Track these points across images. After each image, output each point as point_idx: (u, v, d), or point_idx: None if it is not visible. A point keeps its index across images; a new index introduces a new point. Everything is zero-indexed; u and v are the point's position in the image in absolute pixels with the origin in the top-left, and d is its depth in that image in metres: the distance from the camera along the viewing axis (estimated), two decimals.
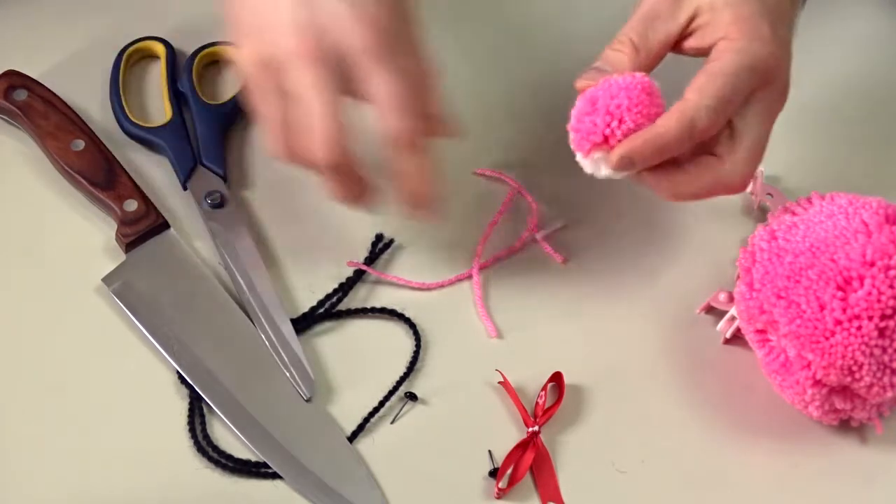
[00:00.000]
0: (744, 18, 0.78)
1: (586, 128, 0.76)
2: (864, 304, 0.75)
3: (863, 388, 0.77)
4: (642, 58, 0.79)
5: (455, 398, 0.82)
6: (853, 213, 0.79)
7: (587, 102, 0.77)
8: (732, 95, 0.77)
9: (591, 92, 0.77)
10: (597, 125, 0.76)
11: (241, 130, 0.93)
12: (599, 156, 0.77)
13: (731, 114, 0.78)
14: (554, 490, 0.79)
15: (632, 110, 0.76)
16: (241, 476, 0.79)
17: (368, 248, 0.87)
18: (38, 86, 0.92)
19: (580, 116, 0.77)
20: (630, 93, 0.76)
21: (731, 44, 0.78)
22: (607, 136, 0.76)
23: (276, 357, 0.83)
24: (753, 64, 0.78)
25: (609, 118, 0.76)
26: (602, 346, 0.84)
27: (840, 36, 0.99)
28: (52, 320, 0.85)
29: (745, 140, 0.78)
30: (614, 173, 0.77)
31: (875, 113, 0.95)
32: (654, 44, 0.80)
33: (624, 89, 0.76)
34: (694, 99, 0.77)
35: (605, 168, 0.77)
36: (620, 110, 0.76)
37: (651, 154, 0.76)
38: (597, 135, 0.76)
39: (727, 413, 0.82)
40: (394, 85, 0.78)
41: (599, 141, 0.76)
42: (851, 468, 0.80)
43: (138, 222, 0.87)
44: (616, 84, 0.77)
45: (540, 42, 0.98)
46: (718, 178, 0.79)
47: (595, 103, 0.77)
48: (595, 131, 0.76)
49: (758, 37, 0.78)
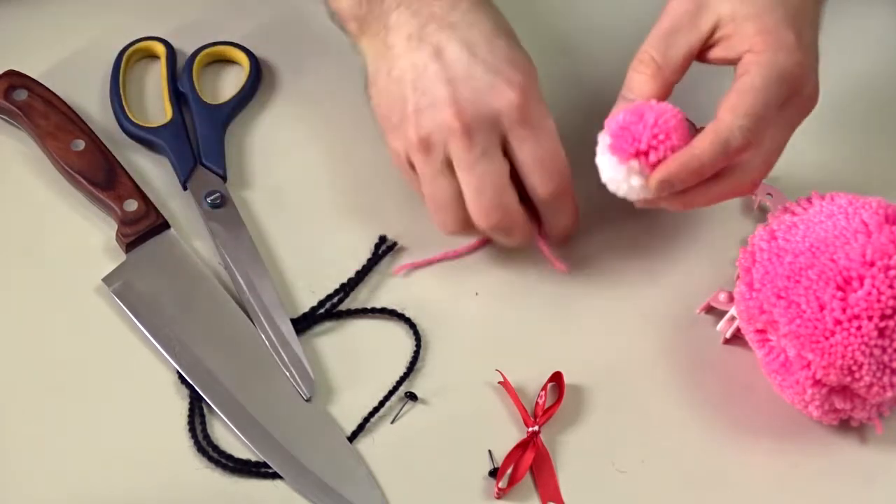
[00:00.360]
0: (768, 29, 0.78)
1: (631, 135, 0.77)
2: (864, 304, 0.75)
3: (863, 388, 0.77)
4: (666, 74, 0.79)
5: (455, 398, 0.82)
6: (853, 213, 0.79)
7: (633, 113, 0.78)
8: (765, 111, 0.77)
9: (637, 106, 0.79)
10: (643, 134, 0.77)
11: (241, 130, 0.93)
12: (635, 164, 0.78)
13: (766, 129, 0.78)
14: (554, 490, 0.79)
15: (678, 130, 0.77)
16: (241, 476, 0.79)
17: (371, 249, 0.87)
18: (38, 86, 0.92)
19: (625, 125, 0.78)
20: (676, 117, 0.78)
21: (757, 56, 0.78)
22: (651, 147, 0.77)
23: (276, 357, 0.83)
24: (782, 76, 0.77)
25: (657, 130, 0.77)
26: (602, 346, 0.84)
27: (840, 36, 0.99)
28: (52, 320, 0.85)
29: (764, 146, 0.79)
30: (641, 188, 0.78)
31: (875, 113, 0.95)
32: (677, 58, 0.80)
33: (670, 112, 0.78)
34: (727, 119, 0.77)
35: (636, 179, 0.78)
36: (668, 126, 0.77)
37: (688, 176, 0.77)
38: (642, 143, 0.77)
39: (727, 413, 0.82)
40: (544, 147, 0.81)
41: (644, 149, 0.77)
42: (851, 468, 0.80)
43: (138, 222, 0.87)
44: (662, 106, 0.78)
45: (545, 48, 0.98)
46: (732, 184, 0.79)
47: (643, 116, 0.78)
48: (640, 139, 0.77)
49: (784, 47, 0.78)
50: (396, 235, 0.88)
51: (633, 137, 0.77)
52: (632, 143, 0.77)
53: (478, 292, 0.86)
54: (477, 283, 0.87)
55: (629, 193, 0.79)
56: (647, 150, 0.77)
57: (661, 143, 0.77)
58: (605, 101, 0.82)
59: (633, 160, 0.78)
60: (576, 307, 0.86)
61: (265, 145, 0.93)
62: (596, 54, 0.96)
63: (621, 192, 0.79)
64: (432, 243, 0.88)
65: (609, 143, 0.78)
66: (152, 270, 0.86)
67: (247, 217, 0.89)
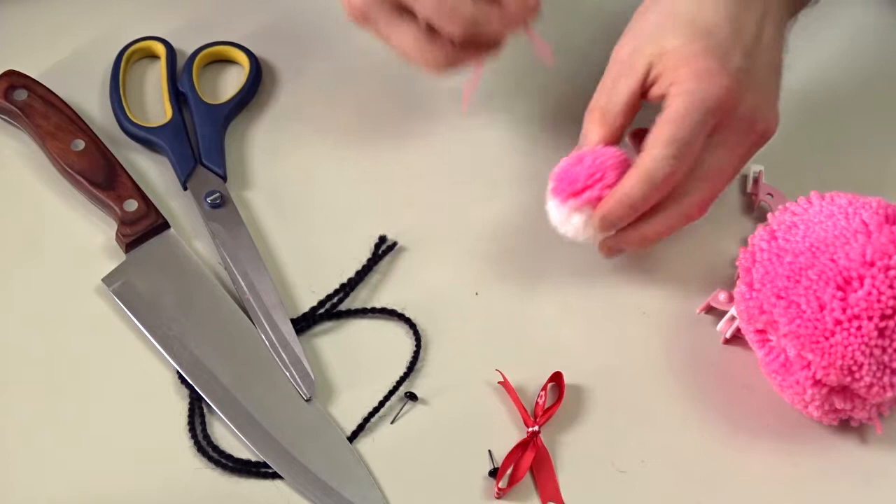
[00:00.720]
0: (687, 60, 0.80)
1: (570, 177, 0.81)
2: (864, 304, 0.76)
3: (863, 388, 0.77)
4: (610, 120, 0.82)
5: (455, 398, 0.82)
6: (853, 213, 0.79)
7: (574, 158, 0.82)
8: (690, 138, 0.79)
9: (580, 152, 0.83)
10: (580, 176, 0.81)
11: (241, 131, 0.93)
12: (573, 203, 0.81)
13: (693, 155, 0.80)
14: (554, 490, 0.79)
15: (615, 169, 0.81)
16: (241, 476, 0.79)
17: (371, 249, 0.87)
18: (38, 86, 0.92)
19: (566, 168, 0.82)
20: (615, 157, 0.81)
21: (678, 87, 0.80)
22: (587, 187, 0.81)
23: (276, 357, 0.83)
24: (704, 101, 0.79)
25: (593, 169, 0.81)
26: (602, 346, 0.84)
27: (841, 36, 0.99)
28: (52, 320, 0.85)
29: (699, 171, 0.81)
30: (584, 227, 0.82)
31: (876, 113, 0.95)
32: (619, 103, 0.82)
33: (610, 153, 0.82)
34: (651, 152, 0.80)
35: (576, 218, 0.82)
36: (604, 166, 0.81)
37: (624, 212, 0.80)
38: (578, 183, 0.81)
39: (727, 413, 0.82)
40: None
41: (580, 189, 0.81)
42: (851, 468, 0.80)
43: (138, 222, 0.87)
44: (604, 150, 0.82)
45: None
46: (676, 212, 0.82)
47: (581, 159, 0.82)
48: (578, 181, 0.81)
49: (705, 75, 0.80)
50: (396, 235, 0.88)
51: (571, 179, 0.81)
52: (569, 184, 0.81)
53: (478, 292, 0.86)
54: (477, 283, 0.87)
55: (576, 234, 0.83)
56: (582, 190, 0.81)
57: (597, 181, 0.81)
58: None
59: (571, 199, 0.81)
60: (576, 307, 0.86)
61: (265, 145, 0.93)
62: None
63: (569, 233, 0.83)
64: (432, 243, 0.88)
65: (551, 187, 0.82)
66: (152, 270, 0.86)
67: (247, 217, 0.89)
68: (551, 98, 0.95)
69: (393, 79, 0.96)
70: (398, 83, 0.96)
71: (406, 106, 0.95)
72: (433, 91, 0.95)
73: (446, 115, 0.94)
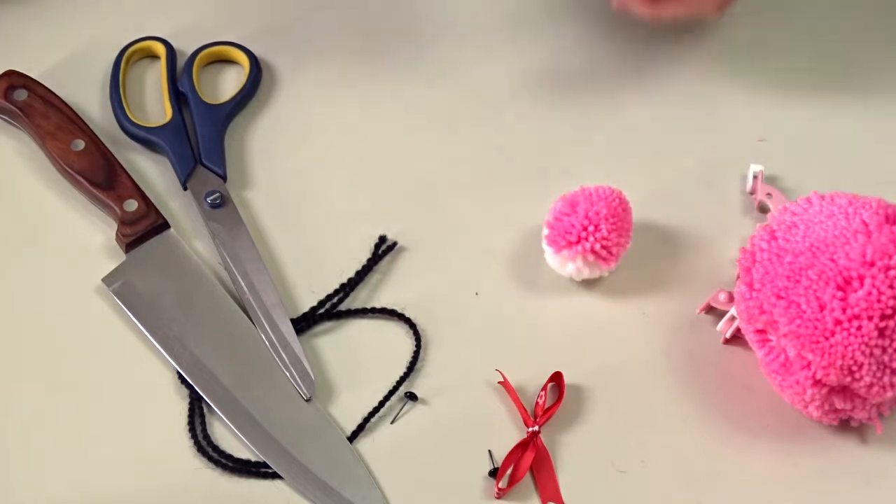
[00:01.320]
0: None
1: (564, 227, 0.83)
2: (864, 304, 0.75)
3: (863, 388, 0.77)
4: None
5: (455, 398, 0.82)
6: (853, 213, 0.79)
7: (567, 204, 0.84)
8: None
9: (572, 196, 0.84)
10: (574, 227, 0.83)
11: (241, 131, 0.93)
12: (567, 254, 0.83)
13: None
14: (554, 490, 0.79)
15: (608, 220, 0.83)
16: (241, 476, 0.79)
17: (371, 249, 0.87)
18: (38, 86, 0.92)
19: (559, 216, 0.84)
20: (608, 203, 0.83)
21: None
22: (581, 238, 0.82)
23: (276, 357, 0.83)
24: None
25: (587, 222, 0.83)
26: (602, 346, 0.84)
27: (841, 35, 0.99)
28: (52, 320, 0.85)
29: None
30: (577, 273, 0.84)
31: (876, 112, 0.95)
32: None
33: (603, 200, 0.83)
34: None
35: (570, 266, 0.84)
36: (599, 217, 0.83)
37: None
38: (573, 235, 0.83)
39: (727, 413, 0.82)
40: None
41: (574, 241, 0.83)
42: (851, 468, 0.80)
43: (138, 222, 0.87)
44: (595, 193, 0.84)
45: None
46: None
47: (575, 207, 0.84)
48: (572, 232, 0.82)
49: None
50: (396, 235, 0.88)
51: (565, 230, 0.83)
52: (563, 235, 0.83)
53: (478, 292, 0.86)
54: (477, 283, 0.87)
55: (573, 277, 0.85)
56: (577, 241, 0.83)
57: (591, 233, 0.83)
58: None
59: (565, 251, 0.83)
60: (576, 307, 0.86)
61: (265, 145, 0.93)
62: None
63: (565, 276, 0.85)
64: (433, 243, 0.88)
65: (545, 235, 0.84)
66: (152, 270, 0.86)
67: (247, 217, 0.89)
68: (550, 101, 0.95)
69: (393, 79, 0.96)
70: (398, 83, 0.96)
71: (406, 106, 0.95)
72: (433, 90, 0.95)
73: (446, 116, 0.94)
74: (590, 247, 0.83)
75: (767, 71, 0.96)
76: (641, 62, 0.97)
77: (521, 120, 0.94)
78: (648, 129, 0.94)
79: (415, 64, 0.97)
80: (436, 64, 0.96)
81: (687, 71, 0.97)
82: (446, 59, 0.97)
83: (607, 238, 0.83)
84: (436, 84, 0.95)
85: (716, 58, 0.97)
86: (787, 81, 0.96)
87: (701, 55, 0.97)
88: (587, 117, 0.94)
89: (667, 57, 0.97)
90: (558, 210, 0.84)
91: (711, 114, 0.94)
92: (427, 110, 0.94)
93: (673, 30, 0.97)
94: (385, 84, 0.96)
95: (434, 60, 0.97)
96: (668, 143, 0.93)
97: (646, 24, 0.94)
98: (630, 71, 0.96)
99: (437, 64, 0.96)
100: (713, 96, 0.95)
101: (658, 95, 0.95)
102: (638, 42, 0.97)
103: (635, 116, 0.94)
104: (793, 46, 0.98)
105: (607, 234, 0.83)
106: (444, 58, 0.97)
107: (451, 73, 0.96)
